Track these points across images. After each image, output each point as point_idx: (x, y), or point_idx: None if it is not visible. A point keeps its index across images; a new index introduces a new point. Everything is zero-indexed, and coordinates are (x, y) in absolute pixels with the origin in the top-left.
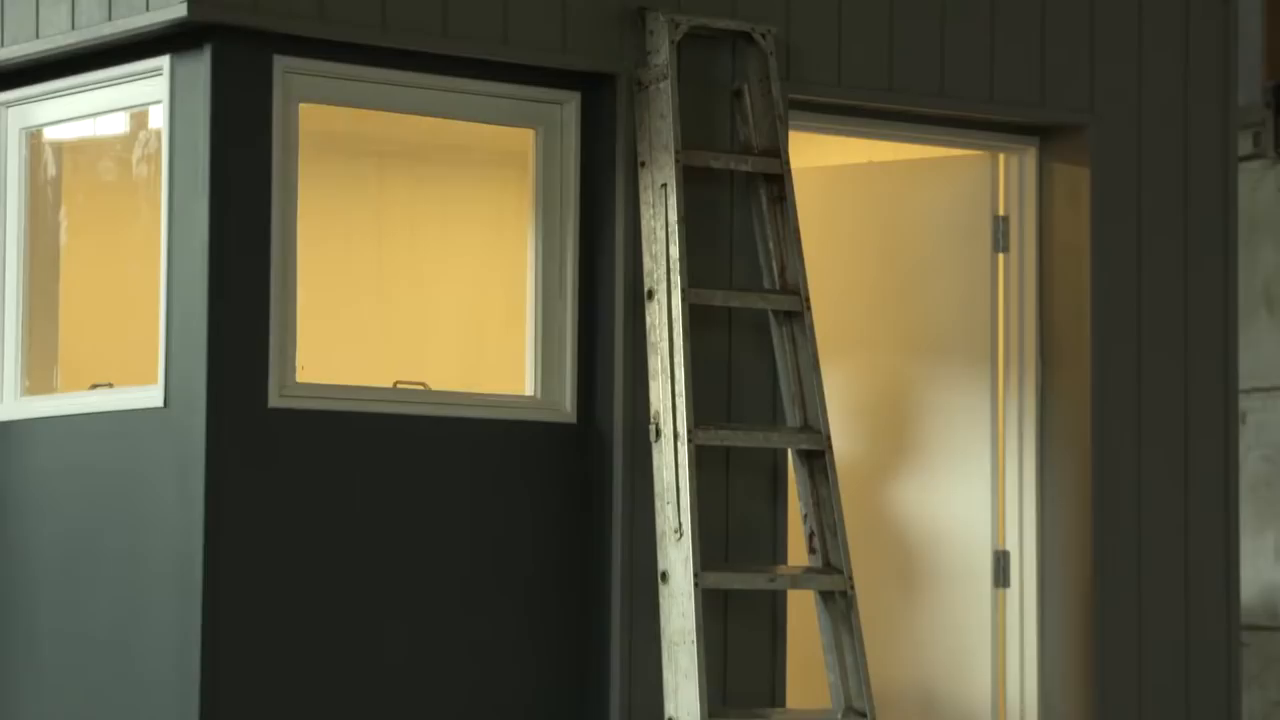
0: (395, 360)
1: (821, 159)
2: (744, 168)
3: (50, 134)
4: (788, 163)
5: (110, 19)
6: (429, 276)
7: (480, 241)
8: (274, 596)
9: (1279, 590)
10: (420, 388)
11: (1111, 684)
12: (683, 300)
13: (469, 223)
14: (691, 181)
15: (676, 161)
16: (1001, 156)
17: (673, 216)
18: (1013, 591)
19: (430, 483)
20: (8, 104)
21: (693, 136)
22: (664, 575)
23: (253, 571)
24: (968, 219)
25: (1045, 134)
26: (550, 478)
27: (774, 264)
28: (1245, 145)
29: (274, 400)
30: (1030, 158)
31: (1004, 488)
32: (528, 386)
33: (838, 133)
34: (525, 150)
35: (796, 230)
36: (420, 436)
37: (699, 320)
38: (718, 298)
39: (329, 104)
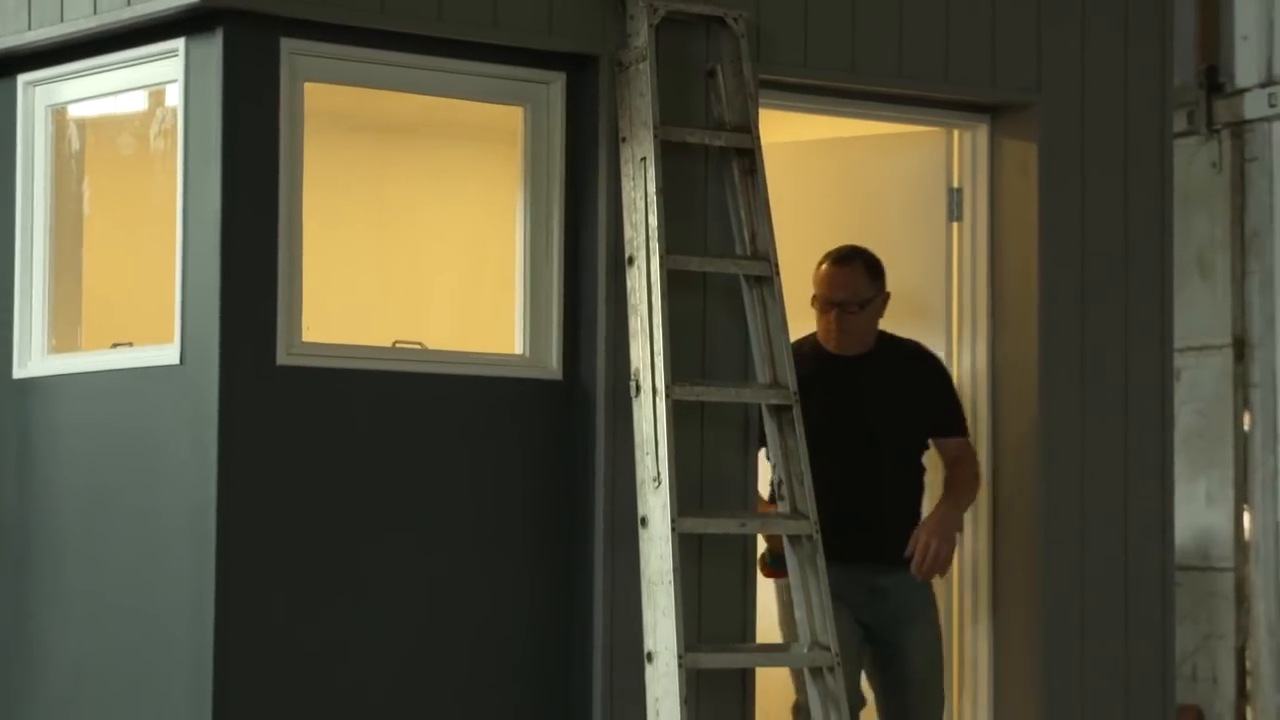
0: (394, 321)
1: (789, 135)
2: (717, 143)
3: (74, 111)
4: (758, 138)
5: (129, 4)
6: (425, 243)
7: (473, 210)
8: (283, 542)
9: (1210, 533)
10: (417, 347)
11: (1055, 618)
12: (661, 266)
13: (462, 193)
14: (669, 155)
15: (655, 137)
16: (955, 132)
17: (652, 188)
18: (966, 535)
19: (427, 435)
20: (34, 83)
21: (670, 114)
22: (643, 520)
23: (263, 517)
24: (924, 190)
25: (996, 112)
26: (538, 430)
27: (745, 232)
28: (1180, 123)
29: (282, 358)
30: (982, 134)
31: None
32: (517, 346)
33: (804, 110)
34: (514, 126)
35: (766, 201)
36: (417, 392)
37: (676, 284)
38: (693, 263)
39: (332, 83)
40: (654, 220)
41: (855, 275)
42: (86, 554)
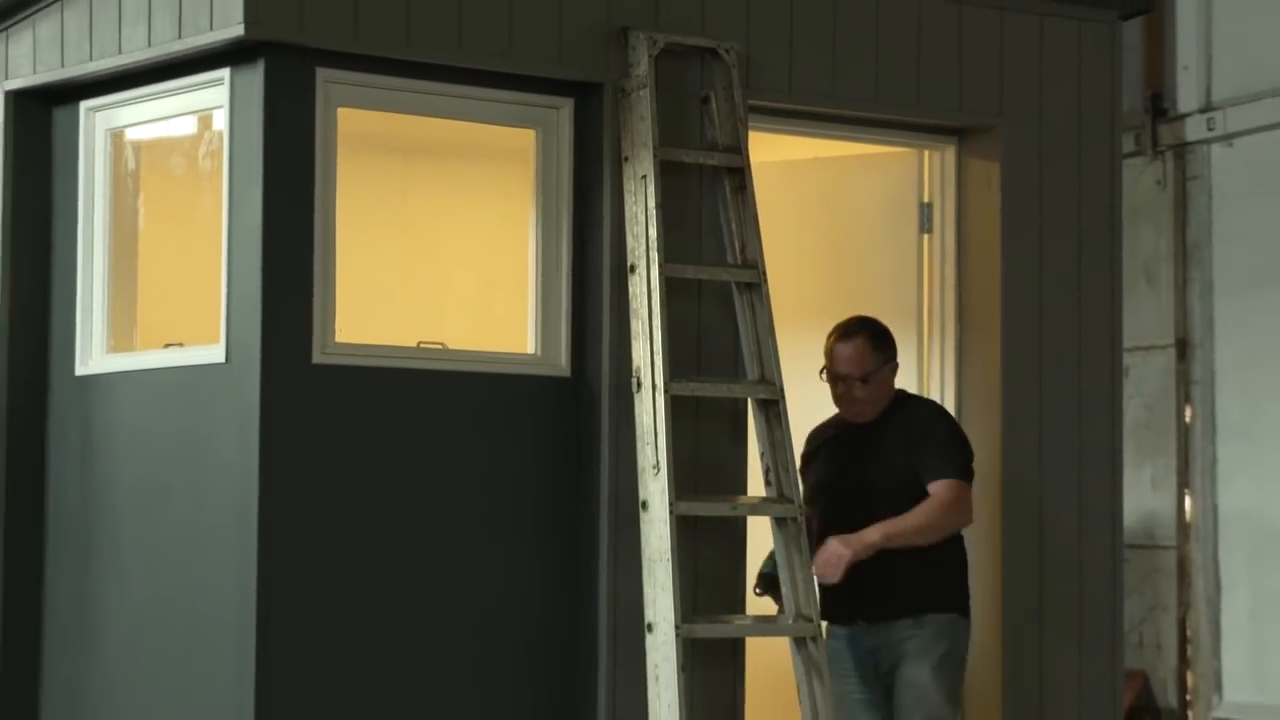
0: (418, 323)
1: (776, 155)
2: (711, 162)
3: (130, 134)
4: (747, 158)
5: (180, 37)
6: (446, 252)
7: (489, 223)
8: (318, 524)
9: (1155, 516)
10: (439, 346)
11: (1015, 594)
12: (660, 274)
13: (479, 207)
14: (667, 174)
15: (654, 157)
16: (926, 153)
17: (651, 203)
18: None
19: (448, 427)
20: (95, 109)
21: (668, 136)
22: (644, 504)
23: (300, 502)
24: (898, 205)
25: (962, 134)
26: (548, 423)
27: (736, 243)
28: (1128, 145)
29: (317, 357)
30: (950, 154)
31: None
32: (529, 345)
33: (789, 133)
34: (527, 147)
35: (755, 215)
36: (439, 388)
37: (673, 290)
38: (689, 271)
39: (363, 108)
40: (653, 232)
41: (859, 350)
42: (141, 535)
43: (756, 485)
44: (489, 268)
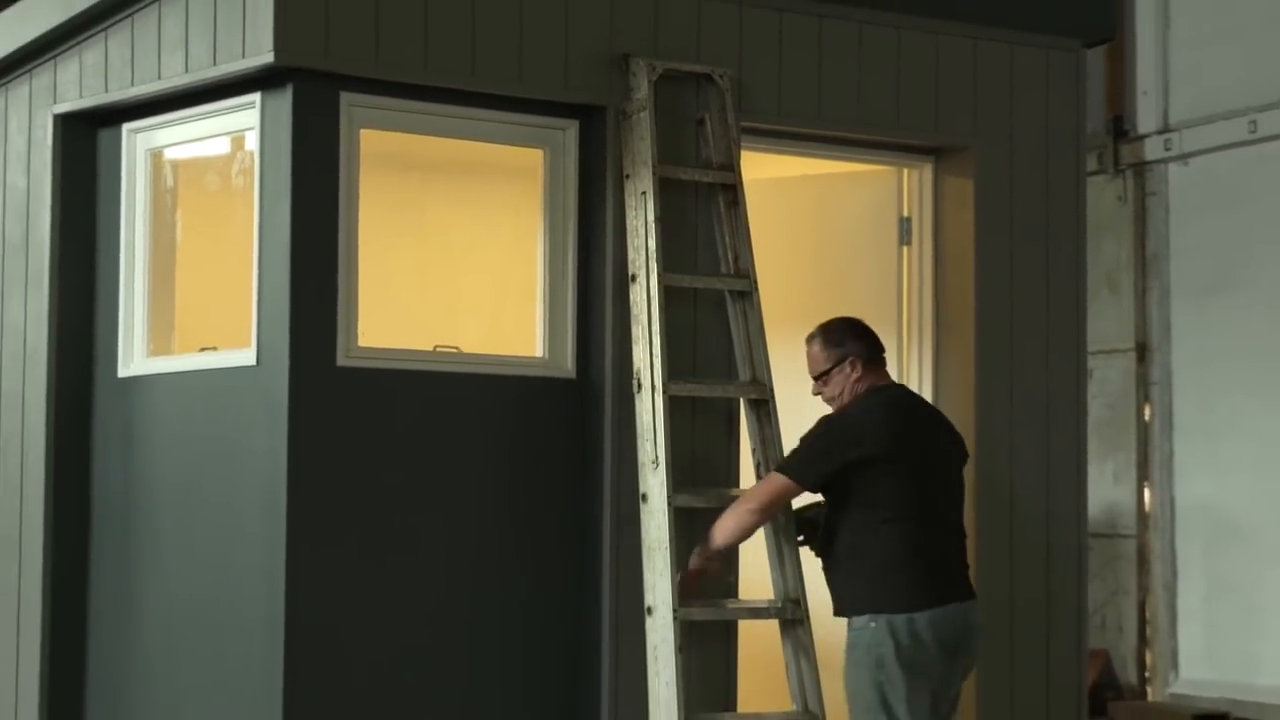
0: (434, 328)
1: (766, 172)
2: (706, 179)
3: (169, 153)
4: (740, 175)
5: (215, 64)
6: (460, 262)
7: (500, 235)
8: (341, 515)
9: (1117, 507)
10: (454, 350)
11: (989, 579)
12: (658, 282)
13: (491, 221)
14: (665, 190)
15: (653, 174)
16: (905, 170)
17: (651, 217)
18: None
19: (462, 425)
20: (136, 130)
21: (666, 155)
22: (644, 496)
23: (324, 495)
24: (879, 219)
25: (939, 153)
26: (555, 421)
27: (729, 254)
28: (1092, 163)
29: (341, 360)
30: (928, 171)
31: None
32: (537, 349)
33: (778, 152)
34: (535, 165)
35: (747, 228)
36: (454, 389)
37: (671, 298)
38: (685, 280)
39: (383, 129)
40: (653, 244)
41: (813, 352)
42: (178, 525)
43: (748, 479)
44: (500, 276)
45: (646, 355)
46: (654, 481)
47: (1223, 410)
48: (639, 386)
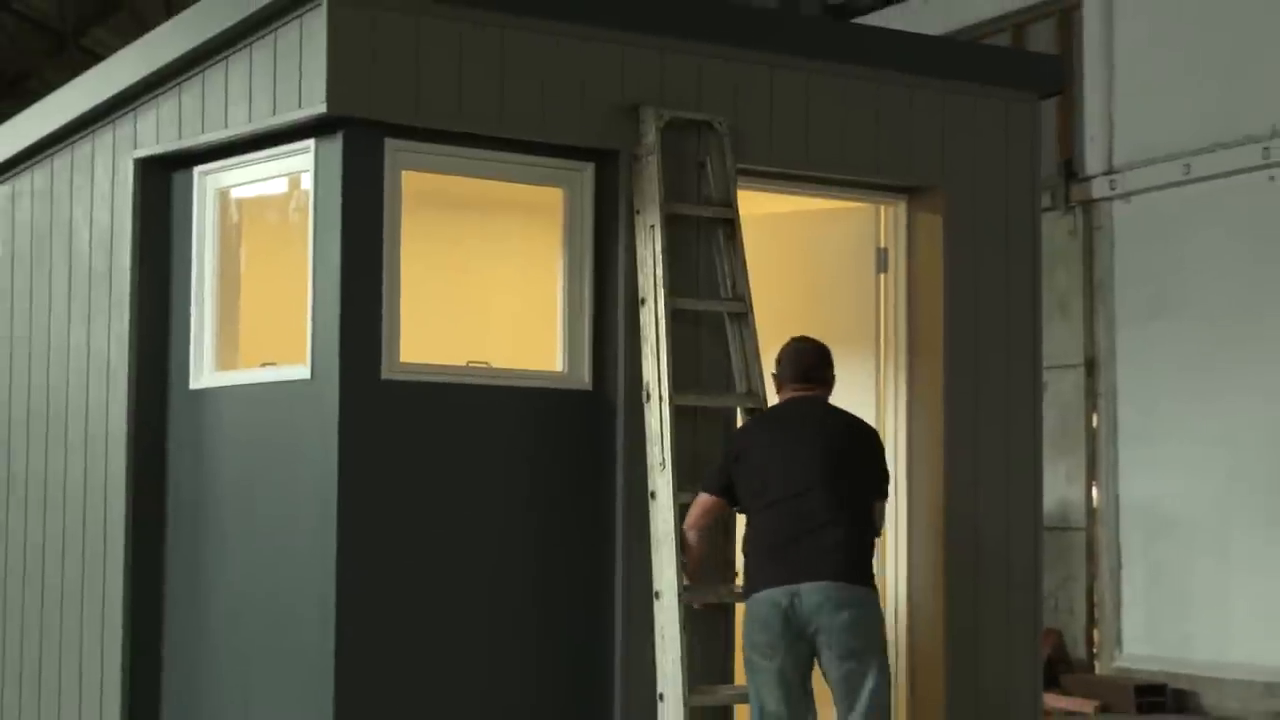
0: (467, 345)
1: (760, 208)
2: (707, 214)
3: (234, 192)
4: (737, 211)
5: (275, 114)
6: (490, 287)
7: (525, 263)
8: (386, 518)
9: (1068, 503)
10: (485, 365)
11: (955, 569)
12: (666, 305)
13: (517, 251)
14: (671, 224)
15: (661, 210)
16: (882, 207)
17: (659, 248)
18: (890, 504)
19: (492, 430)
20: (206, 172)
21: (672, 193)
22: (653, 494)
23: (371, 498)
24: (859, 250)
25: (912, 192)
26: (574, 428)
27: (728, 280)
28: (1046, 201)
29: (385, 374)
30: (902, 208)
31: (885, 437)
32: (558, 364)
33: (770, 190)
34: (556, 202)
35: (743, 257)
36: (484, 399)
37: (677, 319)
38: (689, 304)
39: (423, 170)
40: (660, 271)
41: None
42: (241, 522)
43: None
44: (525, 300)
45: (655, 369)
46: (662, 481)
47: (1161, 418)
48: (648, 397)
